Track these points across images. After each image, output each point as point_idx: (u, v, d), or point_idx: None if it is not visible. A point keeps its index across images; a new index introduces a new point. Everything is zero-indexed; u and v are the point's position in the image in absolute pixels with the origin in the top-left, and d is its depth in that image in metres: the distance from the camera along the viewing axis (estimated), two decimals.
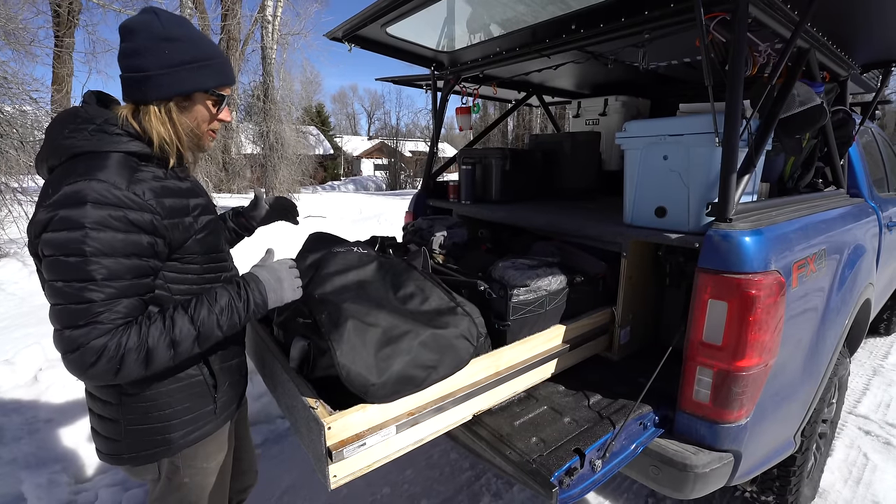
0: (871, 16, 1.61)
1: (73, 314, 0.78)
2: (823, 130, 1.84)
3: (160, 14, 0.90)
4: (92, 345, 0.78)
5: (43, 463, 1.96)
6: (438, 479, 2.03)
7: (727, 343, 1.17)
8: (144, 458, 0.98)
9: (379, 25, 1.88)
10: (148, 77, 0.88)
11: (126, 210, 0.82)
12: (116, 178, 0.82)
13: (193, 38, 0.92)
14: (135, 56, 0.88)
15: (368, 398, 0.97)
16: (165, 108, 0.91)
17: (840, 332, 1.64)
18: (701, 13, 1.21)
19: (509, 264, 1.44)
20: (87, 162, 0.83)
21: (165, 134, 0.91)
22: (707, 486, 1.21)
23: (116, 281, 0.81)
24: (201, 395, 1.01)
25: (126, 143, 0.87)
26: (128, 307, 0.82)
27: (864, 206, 2.07)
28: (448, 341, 1.10)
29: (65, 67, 9.80)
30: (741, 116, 1.23)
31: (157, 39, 0.88)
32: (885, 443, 2.28)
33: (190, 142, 0.97)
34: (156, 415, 0.96)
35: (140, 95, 0.89)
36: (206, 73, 0.93)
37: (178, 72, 0.89)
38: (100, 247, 0.78)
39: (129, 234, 0.82)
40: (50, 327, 0.82)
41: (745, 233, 1.17)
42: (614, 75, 2.65)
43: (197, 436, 1.01)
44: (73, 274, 0.78)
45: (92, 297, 0.78)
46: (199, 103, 0.96)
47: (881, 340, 3.55)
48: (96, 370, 0.79)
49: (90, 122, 0.86)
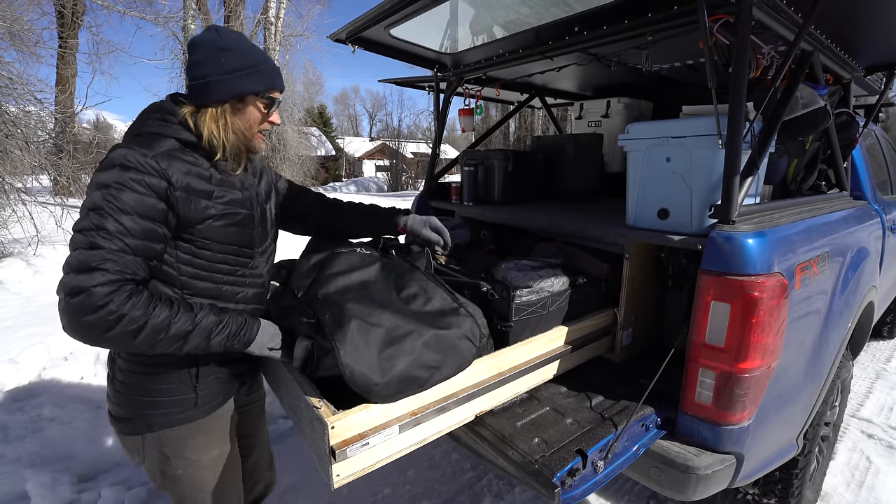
0: (874, 18, 1.61)
1: (82, 259, 0.85)
2: (827, 133, 1.84)
3: (220, 30, 1.05)
4: (96, 291, 0.83)
5: (46, 462, 1.97)
6: (440, 480, 2.04)
7: (730, 345, 1.17)
8: (128, 425, 1.06)
9: (382, 27, 1.89)
10: (207, 83, 1.00)
11: (145, 175, 0.91)
12: (147, 149, 0.93)
13: (245, 49, 1.04)
14: (197, 66, 1.01)
15: (372, 398, 0.97)
16: (221, 110, 1.03)
17: (843, 334, 1.63)
18: (704, 15, 1.22)
19: (512, 265, 1.44)
20: (139, 139, 0.96)
21: (216, 131, 1.02)
22: (709, 488, 1.21)
23: (128, 237, 0.88)
24: (182, 382, 1.05)
25: (178, 131, 1.00)
26: (134, 264, 0.89)
27: (867, 209, 2.07)
28: (451, 342, 1.10)
29: (69, 68, 9.86)
30: (744, 119, 1.23)
31: (216, 50, 1.01)
32: (888, 446, 2.27)
33: (239, 141, 1.07)
34: (140, 386, 1.03)
35: (201, 99, 1.02)
36: (255, 78, 1.04)
37: (231, 78, 1.01)
38: (119, 205, 0.88)
39: (146, 198, 0.91)
40: (54, 326, 0.85)
41: (748, 235, 1.17)
42: (617, 77, 2.65)
43: (175, 419, 1.05)
44: (91, 224, 0.86)
45: (102, 244, 0.86)
46: (251, 105, 1.06)
47: (884, 344, 3.54)
48: (91, 319, 0.83)
49: (158, 112, 1.01)
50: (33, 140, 5.07)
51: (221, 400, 1.14)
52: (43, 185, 6.86)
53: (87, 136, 8.32)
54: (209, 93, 1.01)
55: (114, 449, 2.11)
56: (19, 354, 2.63)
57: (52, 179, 5.98)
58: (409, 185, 21.68)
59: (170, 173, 0.94)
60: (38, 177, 6.00)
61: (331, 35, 2.04)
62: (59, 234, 5.15)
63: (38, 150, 5.09)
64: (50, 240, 5.11)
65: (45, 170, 5.30)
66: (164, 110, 1.02)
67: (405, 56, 2.28)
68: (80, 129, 7.81)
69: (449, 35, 2.01)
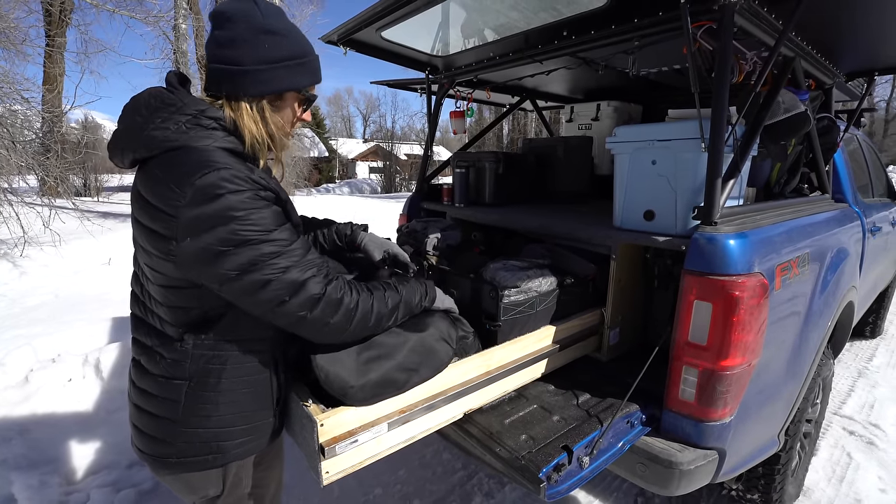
0: (853, 26, 1.66)
1: (281, 286, 0.81)
2: (809, 137, 1.89)
3: (259, 2, 0.84)
4: (328, 293, 0.85)
5: (34, 464, 1.95)
6: (431, 479, 2.05)
7: (712, 343, 1.20)
8: (193, 464, 0.91)
9: (374, 30, 1.90)
10: (245, 71, 0.83)
11: (258, 189, 0.81)
12: (235, 165, 0.80)
13: (292, 33, 0.88)
14: (230, 46, 0.82)
15: (348, 401, 0.97)
16: (258, 106, 0.87)
17: (823, 333, 1.68)
18: (688, 21, 1.25)
19: (500, 266, 1.47)
20: (192, 156, 0.79)
21: (257, 133, 0.87)
22: (692, 483, 1.23)
23: (290, 244, 0.83)
24: (264, 408, 0.97)
25: (221, 138, 0.83)
26: (318, 259, 0.87)
27: (848, 212, 2.12)
28: (429, 344, 1.09)
29: (56, 67, 9.73)
30: (727, 123, 1.27)
31: (257, 31, 0.83)
32: (868, 442, 2.33)
33: (276, 143, 0.93)
34: (216, 418, 0.91)
35: (232, 89, 0.85)
36: (301, 70, 0.89)
37: (275, 69, 0.85)
38: (260, 227, 0.79)
39: (271, 207, 0.83)
40: (41, 328, 0.83)
41: (730, 236, 1.21)
42: (606, 81, 2.69)
43: (251, 448, 0.96)
44: (255, 259, 0.78)
45: (282, 263, 0.81)
46: (289, 102, 0.92)
47: (866, 343, 3.62)
48: (337, 318, 0.87)
49: (183, 112, 0.81)
50: (20, 139, 5.01)
51: (280, 424, 1.06)
52: (30, 185, 6.77)
53: (76, 135, 8.22)
54: (245, 83, 0.83)
55: (103, 451, 2.10)
56: (6, 356, 2.59)
57: (39, 180, 5.91)
58: (403, 187, 21.68)
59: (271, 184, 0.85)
60: (24, 177, 5.92)
61: (322, 37, 2.05)
62: (47, 234, 5.09)
63: (25, 150, 5.02)
64: (37, 241, 5.04)
65: (32, 170, 5.23)
66: (190, 106, 0.81)
67: (397, 58, 2.30)
68: (69, 128, 7.71)
69: (440, 38, 2.03)
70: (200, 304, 0.87)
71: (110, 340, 3.06)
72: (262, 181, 0.83)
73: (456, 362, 1.19)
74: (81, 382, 2.42)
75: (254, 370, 0.94)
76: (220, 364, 0.89)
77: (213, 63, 0.85)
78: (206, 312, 0.88)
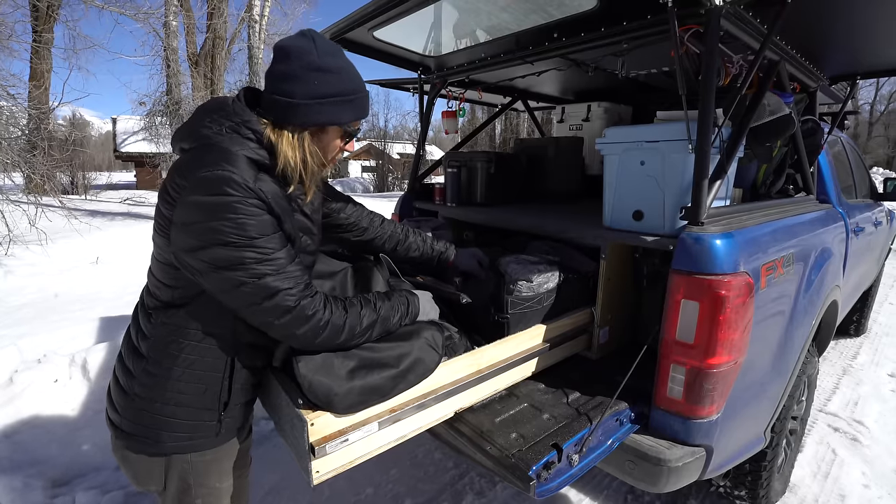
0: (835, 31, 1.70)
1: (255, 290, 0.86)
2: (794, 139, 1.92)
3: (317, 41, 0.92)
4: (300, 307, 0.89)
5: (18, 466, 1.92)
6: (422, 479, 2.05)
7: (699, 341, 1.22)
8: (145, 444, 0.96)
9: (366, 29, 1.90)
10: (294, 105, 0.90)
11: (254, 198, 0.86)
12: (244, 173, 0.86)
13: (342, 71, 0.94)
14: (285, 81, 0.90)
15: (332, 409, 0.96)
16: (300, 135, 0.94)
17: (808, 331, 1.71)
18: (675, 25, 1.27)
19: (513, 259, 1.50)
20: (216, 154, 0.86)
21: (292, 157, 0.94)
22: (680, 480, 1.25)
23: (273, 253, 0.87)
24: (208, 408, 0.98)
25: (253, 148, 0.90)
26: (298, 272, 0.90)
27: (832, 212, 2.16)
28: (415, 352, 1.08)
29: (43, 63, 9.57)
30: (713, 125, 1.29)
31: (309, 69, 0.90)
32: (853, 439, 2.37)
33: (312, 169, 0.99)
34: (158, 405, 0.94)
35: (280, 117, 0.93)
36: (346, 107, 0.95)
37: (321, 104, 0.92)
38: (246, 233, 0.83)
39: (263, 216, 0.87)
40: (26, 328, 0.83)
41: (716, 236, 1.23)
42: (597, 82, 2.71)
43: (186, 446, 0.98)
44: (233, 260, 0.83)
45: (261, 270, 0.85)
46: (331, 134, 0.99)
47: (851, 341, 3.69)
48: (304, 330, 0.91)
49: (229, 119, 0.90)
50: (5, 136, 4.92)
51: (241, 426, 1.09)
52: (15, 182, 6.65)
53: (63, 132, 8.10)
54: (292, 114, 0.92)
55: (90, 452, 2.07)
56: None
57: (25, 177, 5.81)
58: (396, 186, 21.62)
59: (270, 201, 0.89)
60: (10, 174, 5.82)
61: None
62: (33, 233, 5.00)
63: (11, 147, 4.95)
64: (23, 239, 4.96)
65: (18, 167, 5.15)
66: (238, 115, 0.91)
67: (389, 58, 2.30)
68: (56, 125, 7.60)
69: (432, 38, 2.04)
70: (176, 285, 0.93)
71: (98, 340, 3.02)
72: (261, 192, 0.87)
73: (445, 362, 1.19)
74: (68, 383, 2.39)
75: (206, 366, 0.96)
76: (176, 350, 0.94)
77: (269, 93, 0.93)
78: (176, 298, 0.94)
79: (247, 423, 1.13)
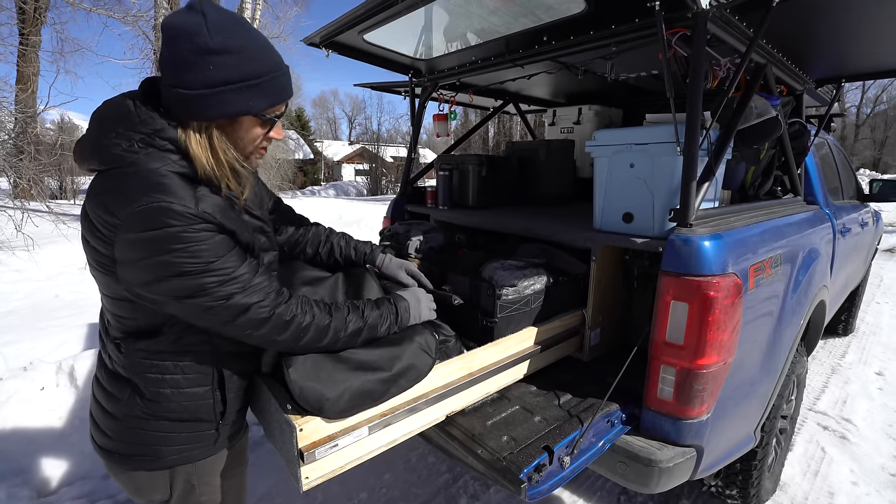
0: (820, 34, 1.72)
1: (224, 311, 0.81)
2: (781, 141, 1.94)
3: (208, 15, 0.74)
4: (277, 315, 0.87)
5: (3, 476, 1.88)
6: (416, 483, 2.04)
7: (688, 342, 1.22)
8: (136, 462, 0.93)
9: (356, 32, 1.90)
10: (191, 97, 0.76)
11: (200, 222, 0.76)
12: (181, 197, 0.75)
13: (244, 50, 0.77)
14: (176, 69, 0.76)
15: (324, 414, 0.95)
16: (207, 133, 0.81)
17: (796, 331, 1.72)
18: (662, 29, 1.28)
19: (498, 265, 1.50)
20: (139, 181, 0.75)
21: (205, 159, 0.81)
22: (672, 480, 1.26)
23: (234, 271, 0.81)
24: (205, 419, 0.96)
25: (175, 161, 0.78)
26: (265, 282, 0.87)
27: (819, 213, 2.19)
28: (408, 356, 1.08)
29: (30, 66, 9.45)
30: (701, 127, 1.30)
31: (201, 52, 0.74)
32: (841, 437, 2.40)
33: (233, 168, 0.85)
34: (153, 422, 0.91)
35: (182, 113, 0.79)
36: (255, 93, 0.80)
37: (222, 93, 0.77)
38: (200, 260, 0.76)
39: (215, 237, 0.79)
40: (12, 335, 0.82)
41: (705, 237, 1.24)
42: (587, 85, 2.73)
43: (191, 455, 0.96)
44: (194, 288, 0.78)
45: (226, 291, 0.80)
46: (245, 124, 0.84)
47: (839, 341, 3.73)
48: (286, 336, 0.90)
49: (137, 130, 0.77)
50: None
51: (237, 430, 1.08)
52: (1, 188, 6.55)
53: (51, 136, 8.00)
54: (190, 108, 0.78)
55: (77, 461, 2.04)
56: None
57: (11, 182, 5.72)
58: (389, 189, 21.62)
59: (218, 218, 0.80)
60: None
61: (305, 39, 2.04)
62: (19, 238, 4.93)
63: None
64: (9, 245, 4.88)
65: (4, 172, 5.07)
66: (148, 125, 0.77)
67: (380, 61, 2.30)
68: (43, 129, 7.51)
69: (423, 41, 2.04)
70: (135, 317, 0.87)
71: (85, 347, 2.97)
72: (206, 214, 0.77)
73: (437, 365, 1.19)
74: (55, 391, 2.35)
75: (194, 382, 0.93)
76: (157, 374, 0.90)
77: (164, 85, 0.79)
78: (142, 327, 0.88)
79: (243, 424, 1.13)
